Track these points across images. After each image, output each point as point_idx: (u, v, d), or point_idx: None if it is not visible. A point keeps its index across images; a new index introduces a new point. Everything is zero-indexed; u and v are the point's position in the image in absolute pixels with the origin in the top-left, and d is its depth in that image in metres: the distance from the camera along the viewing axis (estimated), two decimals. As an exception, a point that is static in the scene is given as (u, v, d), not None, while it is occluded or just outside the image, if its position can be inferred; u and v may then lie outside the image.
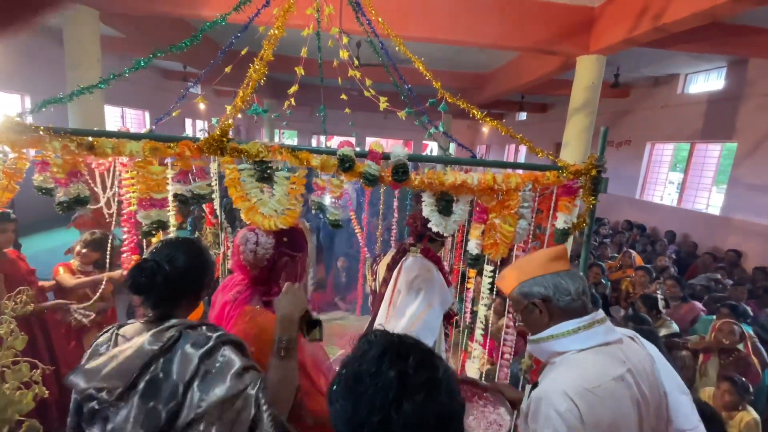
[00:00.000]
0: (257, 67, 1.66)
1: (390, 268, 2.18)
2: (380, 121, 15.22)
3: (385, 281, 2.18)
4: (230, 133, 1.43)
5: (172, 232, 1.92)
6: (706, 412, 1.68)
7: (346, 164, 1.35)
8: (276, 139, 14.93)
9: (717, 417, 1.76)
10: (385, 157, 1.43)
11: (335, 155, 1.36)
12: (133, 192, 1.78)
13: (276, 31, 1.89)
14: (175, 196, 1.39)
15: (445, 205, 1.49)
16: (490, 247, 1.55)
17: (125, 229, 2.15)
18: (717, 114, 7.19)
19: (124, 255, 2.17)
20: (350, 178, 1.42)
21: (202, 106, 2.58)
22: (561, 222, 1.58)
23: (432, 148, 17.98)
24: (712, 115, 7.30)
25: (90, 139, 1.31)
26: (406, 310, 1.95)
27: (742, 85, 6.75)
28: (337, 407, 0.67)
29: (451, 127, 13.22)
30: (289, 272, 1.37)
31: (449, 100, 1.94)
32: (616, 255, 5.81)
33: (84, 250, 2.58)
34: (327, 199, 1.46)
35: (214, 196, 2.57)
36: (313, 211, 1.47)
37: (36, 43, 7.15)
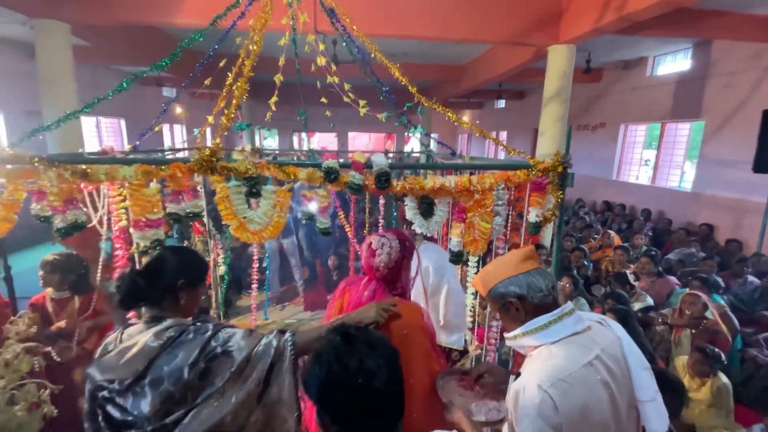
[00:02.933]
0: (240, 84, 1.72)
1: None
2: (362, 116, 15.13)
3: None
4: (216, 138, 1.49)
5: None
6: (673, 383, 1.87)
7: (331, 176, 1.45)
8: (257, 139, 14.77)
9: (680, 387, 1.94)
10: (368, 166, 1.52)
11: (321, 168, 1.45)
12: (121, 208, 1.84)
13: (254, 47, 1.96)
14: (170, 215, 1.45)
15: (426, 208, 1.60)
16: (470, 244, 1.67)
17: (118, 245, 2.19)
18: (685, 94, 7.42)
19: (118, 269, 2.20)
20: (336, 188, 1.52)
21: (179, 110, 2.59)
22: (533, 216, 1.71)
23: (414, 141, 18.08)
24: (681, 95, 7.53)
25: (83, 166, 1.37)
26: (441, 287, 2.24)
27: (707, 65, 6.96)
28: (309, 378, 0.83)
29: (432, 117, 13.31)
30: (407, 271, 1.56)
31: (425, 104, 2.03)
32: (596, 236, 6.03)
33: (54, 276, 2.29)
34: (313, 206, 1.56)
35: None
36: (304, 221, 1.56)
37: (7, 57, 6.96)
